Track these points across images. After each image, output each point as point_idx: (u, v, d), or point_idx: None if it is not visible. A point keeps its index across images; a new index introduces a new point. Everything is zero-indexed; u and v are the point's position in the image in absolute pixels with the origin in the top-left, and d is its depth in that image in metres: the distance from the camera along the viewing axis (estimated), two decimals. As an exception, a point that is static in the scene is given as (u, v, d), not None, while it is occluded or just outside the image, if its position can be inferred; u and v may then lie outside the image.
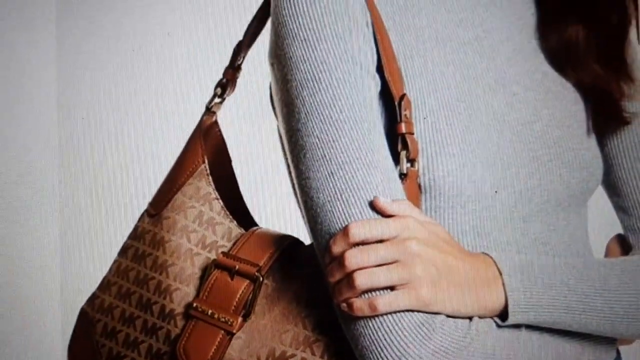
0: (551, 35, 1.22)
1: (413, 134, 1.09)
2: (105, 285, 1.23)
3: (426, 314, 1.01)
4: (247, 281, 1.12)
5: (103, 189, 2.22)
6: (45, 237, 2.29)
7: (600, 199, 1.25)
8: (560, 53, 1.22)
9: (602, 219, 1.29)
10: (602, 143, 1.24)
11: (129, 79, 2.18)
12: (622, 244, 1.23)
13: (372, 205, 1.03)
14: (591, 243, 1.22)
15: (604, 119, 1.23)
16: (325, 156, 1.05)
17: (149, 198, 1.24)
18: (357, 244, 1.02)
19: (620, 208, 1.24)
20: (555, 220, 1.16)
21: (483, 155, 1.11)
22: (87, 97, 2.24)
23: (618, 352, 1.20)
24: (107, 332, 1.19)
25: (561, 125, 1.18)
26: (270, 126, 1.25)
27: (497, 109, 1.15)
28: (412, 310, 1.01)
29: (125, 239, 1.24)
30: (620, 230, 1.24)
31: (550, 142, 1.16)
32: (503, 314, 1.05)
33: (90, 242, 2.21)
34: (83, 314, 1.24)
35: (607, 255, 1.23)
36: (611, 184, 1.25)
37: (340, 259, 1.02)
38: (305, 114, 1.06)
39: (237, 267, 1.12)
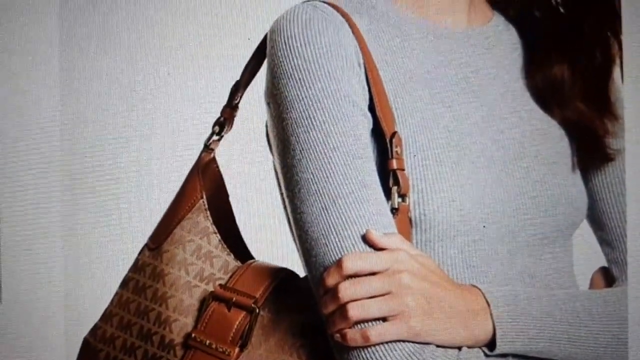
0: (537, 74, 1.23)
1: (404, 170, 1.10)
2: (107, 316, 1.23)
3: (417, 344, 1.03)
4: (244, 312, 1.13)
5: (105, 217, 2.22)
6: (50, 265, 2.29)
7: (584, 233, 1.26)
8: (545, 91, 1.23)
9: (586, 252, 1.29)
10: (586, 178, 1.25)
11: (124, 126, 2.18)
12: (606, 276, 1.23)
13: (365, 239, 1.05)
14: (576, 275, 1.23)
15: (589, 156, 1.24)
16: (319, 191, 1.06)
17: (147, 228, 1.25)
18: (350, 276, 1.03)
19: (604, 241, 1.25)
20: (542, 254, 1.18)
21: (472, 191, 1.12)
22: (91, 134, 2.24)
23: None
24: None
25: (547, 162, 1.19)
26: (266, 163, 1.26)
27: (485, 147, 1.16)
28: (404, 341, 1.02)
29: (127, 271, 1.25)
30: (604, 263, 1.25)
31: (536, 178, 1.17)
32: (491, 344, 1.06)
33: (93, 273, 2.22)
34: (86, 344, 1.24)
35: (591, 287, 1.23)
36: (595, 218, 1.26)
37: (334, 291, 1.03)
38: (300, 151, 1.08)
39: (234, 298, 1.14)
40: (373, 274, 1.03)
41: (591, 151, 1.24)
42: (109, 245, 2.18)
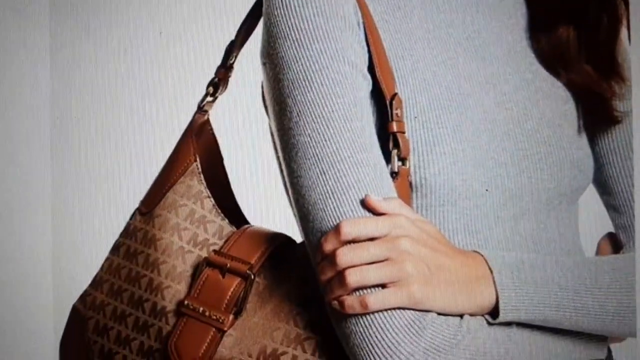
0: (541, 36, 1.22)
1: (404, 132, 1.09)
2: (97, 282, 1.23)
3: (417, 312, 1.02)
4: (239, 279, 1.12)
5: (96, 188, 2.22)
6: (38, 236, 2.30)
7: (591, 198, 1.25)
8: (550, 53, 1.22)
9: (593, 217, 1.29)
10: (593, 142, 1.24)
11: (120, 78, 2.18)
12: (613, 242, 1.23)
13: (364, 204, 1.04)
14: (582, 241, 1.22)
15: (595, 118, 1.23)
16: (316, 155, 1.05)
17: (140, 196, 1.24)
18: (349, 242, 1.02)
19: (611, 206, 1.24)
20: (546, 219, 1.17)
21: (474, 153, 1.11)
22: (80, 95, 2.24)
23: (609, 350, 1.19)
24: (99, 329, 1.19)
25: (552, 124, 1.18)
26: (262, 125, 1.25)
27: (487, 108, 1.15)
28: (403, 308, 1.01)
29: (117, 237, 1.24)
30: (611, 229, 1.24)
31: (540, 141, 1.16)
32: (494, 312, 1.05)
33: (82, 241, 2.21)
34: (75, 311, 1.24)
35: (598, 253, 1.22)
36: (602, 183, 1.25)
37: (331, 257, 1.02)
38: (297, 113, 1.07)
39: (228, 265, 1.13)
40: (372, 239, 1.02)
41: (597, 113, 1.23)
42: (98, 213, 2.17)
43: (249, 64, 1.32)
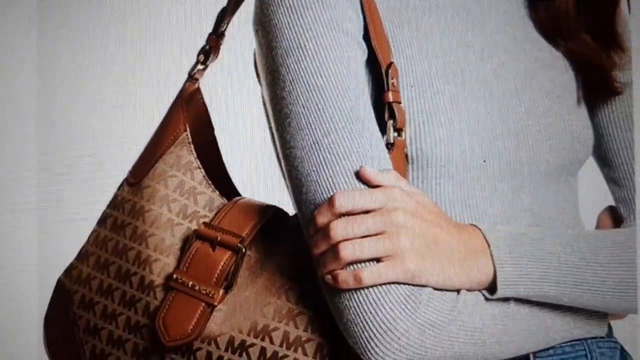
0: (540, 5, 1.21)
1: (400, 102, 1.08)
2: (83, 255, 1.22)
3: (412, 287, 1.01)
4: (230, 252, 1.11)
5: (83, 164, 2.22)
6: (23, 211, 2.29)
7: (591, 170, 1.25)
8: (549, 23, 1.21)
9: (592, 191, 1.28)
10: (592, 113, 1.24)
11: (111, 44, 2.18)
12: (614, 216, 1.22)
13: (358, 175, 1.03)
14: (582, 215, 1.22)
15: (595, 89, 1.22)
16: (310, 125, 1.04)
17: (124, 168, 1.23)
18: (343, 215, 1.01)
19: (611, 179, 1.24)
20: (545, 192, 1.16)
21: (471, 124, 1.11)
22: (67, 63, 2.23)
23: (610, 327, 1.19)
24: (85, 303, 1.19)
25: (551, 95, 1.17)
26: (254, 94, 1.25)
27: (485, 79, 1.14)
28: (398, 283, 1.00)
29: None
30: (612, 202, 1.24)
31: (539, 112, 1.16)
32: (491, 287, 1.04)
33: (68, 213, 2.21)
34: (60, 285, 1.23)
35: (598, 227, 1.22)
36: (602, 155, 1.24)
37: (325, 230, 1.01)
38: (290, 81, 1.06)
39: (219, 238, 1.12)
40: (367, 212, 1.01)
41: (597, 84, 1.22)
42: (83, 185, 2.17)
43: (242, 31, 1.31)
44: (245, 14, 1.18)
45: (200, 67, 1.23)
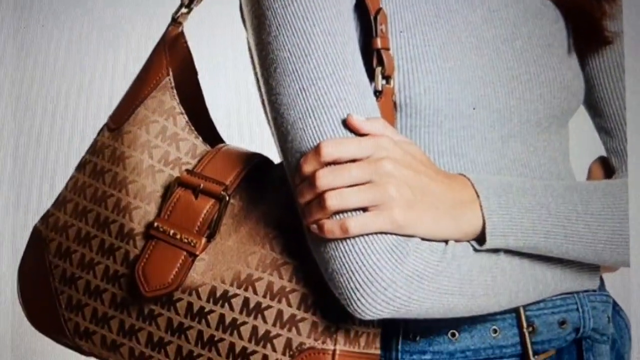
0: None
1: (389, 49, 1.07)
2: (60, 202, 1.21)
3: (399, 237, 1.00)
4: (212, 200, 1.10)
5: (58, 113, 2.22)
6: None
7: (582, 120, 1.24)
8: None
9: (583, 141, 1.28)
10: (583, 63, 1.23)
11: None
12: (605, 167, 1.22)
13: (346, 123, 1.02)
14: (572, 166, 1.21)
15: (585, 38, 1.22)
16: (296, 71, 1.03)
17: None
18: (329, 164, 1.00)
19: (603, 129, 1.23)
20: (535, 141, 1.15)
21: (461, 72, 1.10)
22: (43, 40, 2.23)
23: (602, 280, 1.19)
24: (61, 252, 1.18)
25: (541, 44, 1.16)
26: (240, 39, 1.23)
27: (475, 26, 1.13)
28: (385, 233, 1.00)
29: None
30: (603, 152, 1.23)
31: (529, 60, 1.15)
32: (480, 238, 1.03)
33: (44, 163, 2.20)
34: (36, 233, 1.22)
35: (589, 178, 1.22)
36: (593, 105, 1.24)
37: (311, 179, 1.00)
38: (277, 26, 1.04)
39: (201, 185, 1.11)
40: (354, 161, 1.00)
41: (588, 33, 1.21)
42: (57, 137, 2.16)
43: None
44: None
45: (184, 10, 1.21)
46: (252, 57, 1.15)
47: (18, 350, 2.05)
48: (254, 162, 1.14)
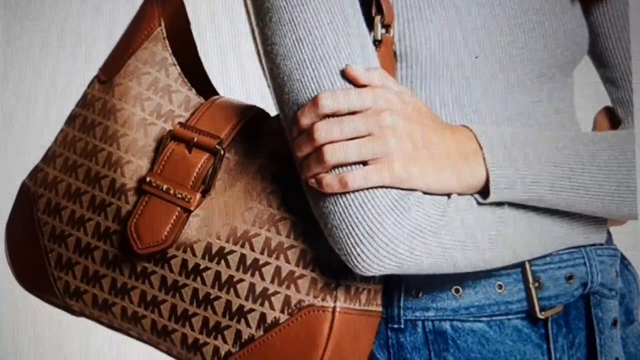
0: None
1: None
2: (49, 157, 1.20)
3: (401, 191, 0.99)
4: (207, 154, 1.10)
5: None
6: None
7: (587, 70, 1.23)
8: None
9: (589, 91, 1.27)
10: (587, 11, 1.21)
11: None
12: (611, 117, 1.20)
13: (344, 74, 1.01)
14: (578, 116, 1.20)
15: None
16: (293, 20, 1.02)
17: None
18: (328, 116, 1.00)
19: (608, 79, 1.22)
20: (539, 92, 1.14)
21: (462, 22, 1.08)
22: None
23: (609, 234, 1.19)
24: (51, 208, 1.17)
25: None
26: None
27: None
28: (386, 187, 0.99)
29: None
30: (608, 103, 1.22)
31: (532, 9, 1.13)
32: (484, 191, 1.03)
33: (33, 115, 2.21)
34: (24, 189, 1.22)
35: (594, 129, 1.21)
36: (598, 55, 1.22)
37: (309, 132, 1.00)
38: None
39: (195, 138, 1.10)
40: (353, 113, 1.00)
41: None
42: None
43: None
44: None
45: (176, -42, 1.22)
46: (246, 6, 1.13)
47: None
48: (249, 115, 1.13)
